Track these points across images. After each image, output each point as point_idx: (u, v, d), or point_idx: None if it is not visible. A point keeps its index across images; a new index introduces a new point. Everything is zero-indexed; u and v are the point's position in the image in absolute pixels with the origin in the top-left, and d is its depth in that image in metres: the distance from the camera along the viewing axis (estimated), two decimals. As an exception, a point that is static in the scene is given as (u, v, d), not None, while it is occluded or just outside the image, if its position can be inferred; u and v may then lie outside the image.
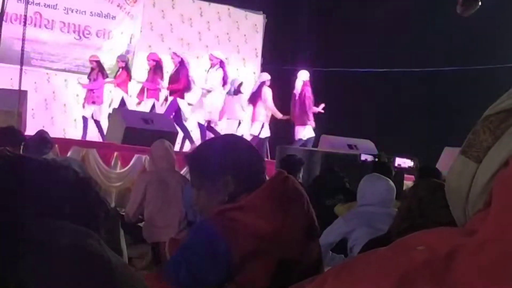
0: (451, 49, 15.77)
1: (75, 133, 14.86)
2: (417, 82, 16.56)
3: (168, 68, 15.04)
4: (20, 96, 12.23)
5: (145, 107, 14.27)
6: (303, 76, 15.17)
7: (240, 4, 18.53)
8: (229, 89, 15.19)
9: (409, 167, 11.74)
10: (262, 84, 15.12)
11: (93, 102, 14.36)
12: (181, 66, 14.57)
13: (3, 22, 11.79)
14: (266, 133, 15.17)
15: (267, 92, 15.10)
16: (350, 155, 11.39)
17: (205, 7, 17.98)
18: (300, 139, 14.65)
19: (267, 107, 15.06)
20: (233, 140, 2.90)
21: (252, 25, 18.67)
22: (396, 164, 10.76)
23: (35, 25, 15.62)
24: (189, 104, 14.65)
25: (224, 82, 14.83)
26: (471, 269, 0.84)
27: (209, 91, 14.89)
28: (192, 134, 14.50)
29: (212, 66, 15.06)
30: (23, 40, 13.16)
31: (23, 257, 0.82)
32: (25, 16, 13.25)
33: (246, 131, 14.86)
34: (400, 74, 16.66)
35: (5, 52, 14.11)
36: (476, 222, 0.91)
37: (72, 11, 16.23)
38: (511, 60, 15.09)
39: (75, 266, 0.84)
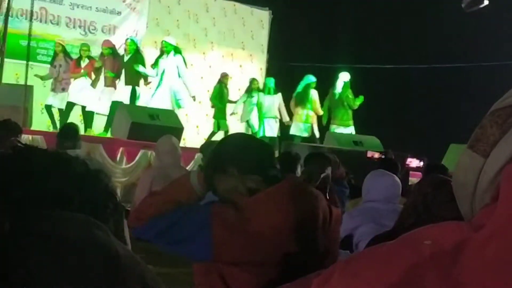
0: (457, 45, 15.73)
1: (81, 128, 14.83)
2: (423, 78, 16.53)
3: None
4: (26, 91, 12.25)
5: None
6: (344, 77, 15.14)
7: (245, 0, 18.54)
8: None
9: (417, 166, 11.76)
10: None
11: (63, 89, 14.14)
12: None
13: (9, 18, 11.80)
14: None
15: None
16: (356, 151, 11.39)
17: (211, 3, 17.99)
18: None
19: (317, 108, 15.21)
20: (244, 137, 2.93)
21: (258, 21, 18.67)
22: (406, 163, 10.78)
23: (40, 21, 15.64)
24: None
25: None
26: (477, 264, 0.84)
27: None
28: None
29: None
30: (29, 35, 13.19)
31: (30, 248, 0.82)
32: (31, 11, 13.27)
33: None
34: (405, 70, 16.64)
35: (11, 48, 14.11)
36: (483, 217, 0.90)
37: (77, 7, 16.25)
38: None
39: (82, 258, 0.84)
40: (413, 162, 12.34)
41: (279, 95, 15.41)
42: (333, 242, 2.68)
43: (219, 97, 15.46)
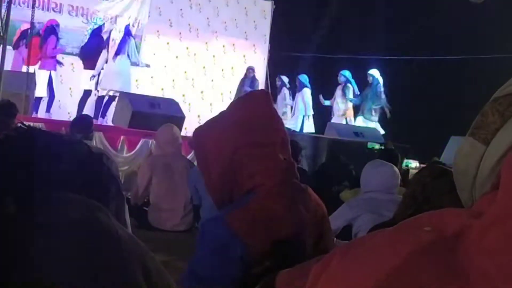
0: (458, 37, 15.70)
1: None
2: (424, 70, 16.51)
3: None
4: (28, 78, 12.24)
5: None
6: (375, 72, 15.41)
7: (248, -10, 18.51)
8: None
9: (416, 167, 11.76)
10: None
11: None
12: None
13: (12, 5, 11.78)
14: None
15: None
16: (357, 142, 11.39)
17: (213, -8, 17.96)
18: None
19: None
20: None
21: (260, 11, 18.61)
22: (403, 166, 10.80)
23: (43, 8, 15.58)
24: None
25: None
26: (477, 251, 0.84)
27: None
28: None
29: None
30: (32, 23, 13.16)
31: (33, 230, 0.83)
32: (34, -1, 13.24)
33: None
34: (407, 62, 16.61)
35: (13, 36, 14.09)
36: (483, 204, 0.91)
37: (80, -5, 16.22)
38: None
39: (84, 240, 0.84)
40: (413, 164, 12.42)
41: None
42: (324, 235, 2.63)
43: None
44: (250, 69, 16.38)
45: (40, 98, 13.98)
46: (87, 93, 14.70)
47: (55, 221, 0.84)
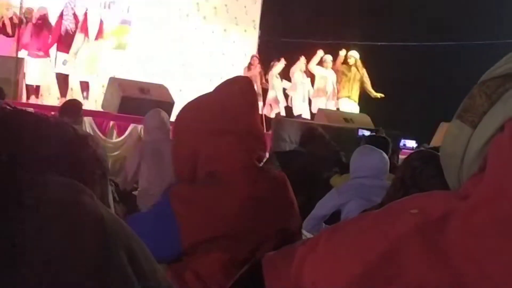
0: (449, 24, 15.72)
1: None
2: (415, 57, 16.53)
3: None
4: (17, 63, 12.20)
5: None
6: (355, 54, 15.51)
7: (238, -25, 18.44)
8: None
9: (413, 147, 11.78)
10: None
11: None
12: None
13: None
14: None
15: None
16: (346, 128, 11.39)
17: (203, -23, 17.88)
18: None
19: None
20: None
21: (250, -4, 18.57)
22: (401, 144, 10.81)
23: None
24: None
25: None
26: (464, 233, 0.84)
27: None
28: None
29: None
30: (21, 8, 13.10)
31: (17, 212, 0.82)
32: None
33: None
34: (398, 48, 16.63)
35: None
36: (470, 186, 0.91)
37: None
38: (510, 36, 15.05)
39: (67, 221, 0.84)
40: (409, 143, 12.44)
41: None
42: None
43: None
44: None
45: (31, 86, 13.92)
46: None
47: (38, 203, 0.83)
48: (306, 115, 15.46)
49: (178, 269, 2.35)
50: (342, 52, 15.59)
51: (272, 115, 15.34)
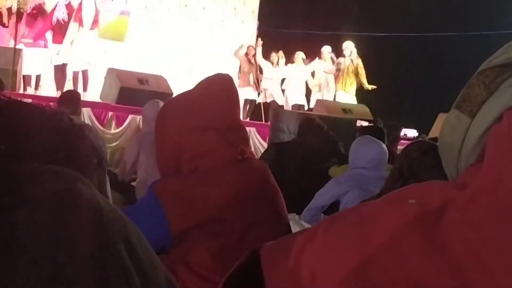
0: (448, 14, 15.71)
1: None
2: (414, 47, 16.52)
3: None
4: (15, 54, 12.18)
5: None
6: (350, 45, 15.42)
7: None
8: None
9: (414, 137, 11.77)
10: None
11: None
12: None
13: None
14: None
15: None
16: (345, 119, 11.40)
17: (202, -34, 17.85)
18: None
19: None
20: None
21: (249, -14, 18.54)
22: (402, 134, 10.81)
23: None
24: None
25: None
26: (462, 223, 0.84)
27: None
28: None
29: None
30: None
31: (14, 203, 0.82)
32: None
33: None
34: (397, 39, 16.61)
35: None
36: (468, 176, 0.90)
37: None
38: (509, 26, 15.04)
39: (64, 211, 0.84)
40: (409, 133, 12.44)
41: None
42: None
43: None
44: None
45: (29, 76, 13.88)
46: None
47: (35, 192, 0.83)
48: (302, 103, 15.46)
49: (169, 264, 2.37)
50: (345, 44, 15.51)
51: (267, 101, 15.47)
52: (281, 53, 15.84)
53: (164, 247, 2.41)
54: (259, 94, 15.83)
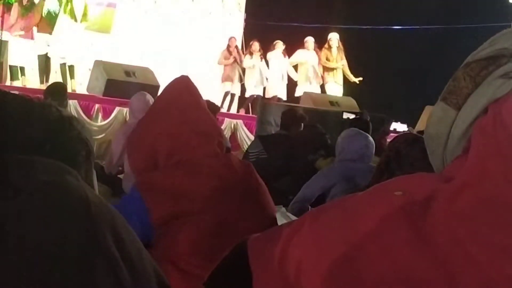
0: (434, 7, 15.73)
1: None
2: (402, 40, 16.53)
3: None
4: (1, 45, 12.11)
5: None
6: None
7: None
8: None
9: (404, 131, 11.77)
10: None
11: None
12: None
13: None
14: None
15: None
16: (332, 112, 11.40)
17: (189, -43, 17.74)
18: None
19: None
20: None
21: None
22: (391, 128, 10.82)
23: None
24: None
25: None
26: (448, 214, 0.84)
27: None
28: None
29: None
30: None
31: (1, 195, 0.82)
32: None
33: None
34: (384, 32, 16.62)
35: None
36: (454, 168, 0.91)
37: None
38: (498, 19, 15.07)
39: (52, 202, 0.84)
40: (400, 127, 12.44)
41: None
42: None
43: None
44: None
45: (16, 67, 13.78)
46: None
47: (23, 184, 0.83)
48: (282, 96, 15.41)
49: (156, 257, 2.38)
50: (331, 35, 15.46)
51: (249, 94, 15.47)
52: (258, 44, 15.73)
53: (148, 241, 2.42)
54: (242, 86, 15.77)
